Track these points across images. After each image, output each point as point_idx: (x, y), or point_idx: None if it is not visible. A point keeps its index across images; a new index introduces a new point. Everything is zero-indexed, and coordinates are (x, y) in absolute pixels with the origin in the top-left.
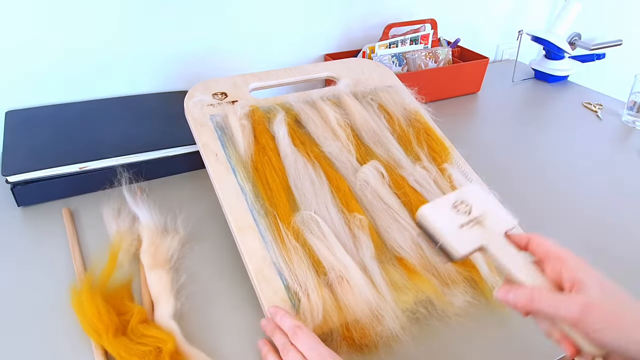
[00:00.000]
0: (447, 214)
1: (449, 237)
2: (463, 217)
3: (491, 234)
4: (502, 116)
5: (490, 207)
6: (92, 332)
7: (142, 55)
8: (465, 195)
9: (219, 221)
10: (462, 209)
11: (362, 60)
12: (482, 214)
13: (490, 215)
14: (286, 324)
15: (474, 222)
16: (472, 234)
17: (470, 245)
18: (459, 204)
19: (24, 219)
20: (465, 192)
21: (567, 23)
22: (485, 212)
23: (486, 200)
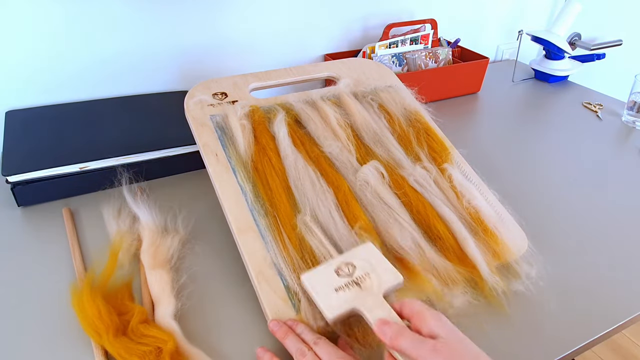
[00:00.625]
0: (325, 279)
1: (320, 302)
2: (342, 280)
3: (367, 296)
4: (502, 116)
5: (375, 267)
6: (92, 332)
7: (142, 55)
8: (351, 257)
9: (219, 221)
10: (344, 272)
11: (362, 60)
12: (364, 276)
13: (372, 275)
14: (308, 336)
15: (352, 284)
16: (346, 296)
17: (341, 308)
18: (343, 267)
19: (24, 219)
20: (352, 253)
21: (567, 23)
22: (367, 273)
23: (373, 260)
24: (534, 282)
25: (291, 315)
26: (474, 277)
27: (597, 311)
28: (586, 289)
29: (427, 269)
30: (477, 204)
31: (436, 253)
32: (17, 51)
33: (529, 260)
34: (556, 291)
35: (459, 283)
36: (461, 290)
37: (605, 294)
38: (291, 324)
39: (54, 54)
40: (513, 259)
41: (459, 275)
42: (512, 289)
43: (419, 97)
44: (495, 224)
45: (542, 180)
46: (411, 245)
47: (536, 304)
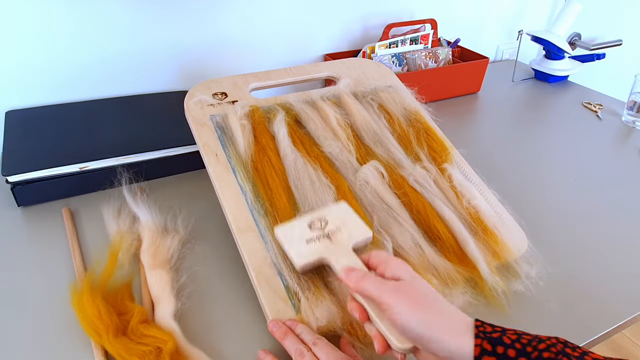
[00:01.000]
0: (297, 231)
1: (291, 251)
2: (314, 233)
3: (336, 247)
4: (502, 116)
5: (347, 223)
6: (92, 332)
7: (142, 55)
8: (324, 213)
9: (219, 221)
10: (317, 226)
11: (362, 60)
12: (335, 230)
13: (343, 229)
14: (307, 337)
15: (323, 237)
16: (316, 247)
17: (310, 257)
18: (316, 222)
19: (24, 219)
20: (326, 210)
21: (567, 23)
22: (338, 227)
23: (346, 216)
24: (533, 282)
25: (291, 315)
26: (473, 277)
27: (597, 311)
28: (586, 289)
29: (427, 268)
30: (477, 204)
31: (436, 253)
32: (17, 51)
33: (528, 260)
34: (556, 291)
35: (459, 283)
36: (461, 290)
37: (605, 294)
38: (290, 324)
39: (54, 54)
40: (513, 259)
41: (459, 275)
42: (512, 289)
43: (419, 97)
44: (495, 224)
45: (542, 180)
46: (411, 245)
47: (536, 304)
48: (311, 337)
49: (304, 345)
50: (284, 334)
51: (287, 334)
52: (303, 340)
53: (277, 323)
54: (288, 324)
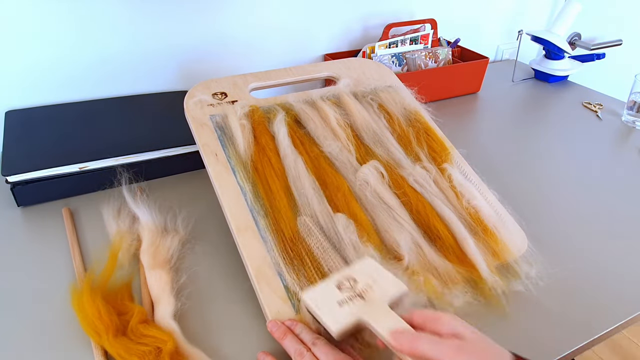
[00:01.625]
0: (327, 295)
1: (324, 317)
2: (345, 294)
3: (372, 306)
4: (502, 116)
5: (377, 279)
6: (92, 332)
7: (142, 55)
8: (352, 271)
9: (219, 221)
10: (346, 286)
11: (362, 60)
12: (366, 288)
13: (374, 287)
14: (306, 337)
15: (355, 296)
16: (351, 309)
17: (347, 321)
18: (344, 281)
19: (24, 219)
20: (352, 268)
21: (567, 23)
22: (369, 285)
23: (375, 272)
24: (533, 282)
25: (291, 315)
26: (473, 277)
27: (597, 311)
28: (586, 289)
29: (426, 268)
30: (476, 204)
31: (436, 253)
32: (17, 51)
33: (528, 260)
34: (556, 291)
35: (459, 283)
36: (461, 290)
37: (605, 294)
38: (290, 324)
39: (54, 54)
40: (513, 259)
41: (459, 275)
42: (512, 289)
43: (418, 97)
44: (495, 224)
45: (541, 180)
46: (411, 245)
47: (536, 304)
48: (310, 337)
49: (303, 345)
50: (283, 334)
51: (287, 334)
52: (302, 340)
53: (276, 323)
54: (287, 324)
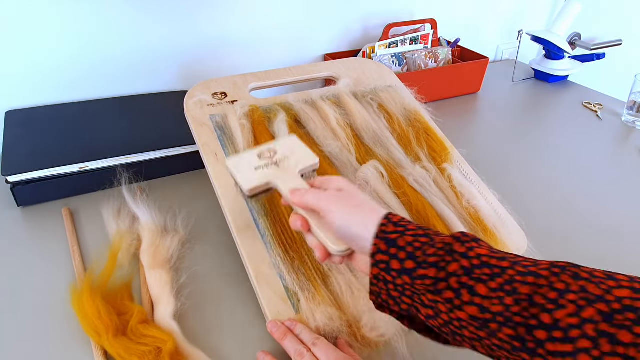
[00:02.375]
0: (247, 161)
1: (239, 177)
2: (263, 161)
3: (284, 173)
4: (502, 116)
5: (294, 151)
6: (92, 332)
7: (142, 55)
8: (274, 144)
9: (218, 221)
10: (266, 155)
11: (362, 60)
12: (283, 158)
13: (291, 157)
14: (306, 337)
15: (271, 164)
16: (264, 173)
17: (258, 181)
18: (265, 152)
19: (24, 219)
20: (276, 142)
21: (567, 23)
22: (286, 156)
23: (294, 147)
24: None
25: (291, 315)
26: None
27: None
28: None
29: None
30: (476, 204)
31: None
32: (17, 51)
33: None
34: None
35: None
36: None
37: None
38: (290, 324)
39: (54, 55)
40: None
41: None
42: None
43: (418, 97)
44: (495, 224)
45: (541, 180)
46: None
47: None
48: (310, 338)
49: (303, 345)
50: (283, 334)
51: (287, 335)
52: (302, 341)
53: (276, 324)
54: (287, 324)
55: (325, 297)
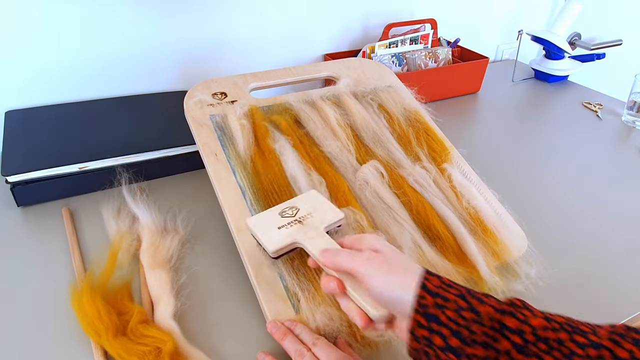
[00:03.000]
0: (268, 220)
1: (263, 238)
2: (286, 220)
3: (309, 230)
4: (502, 116)
5: (317, 208)
6: (91, 332)
7: (142, 55)
8: (295, 201)
9: (218, 221)
10: (288, 213)
11: (362, 60)
12: (306, 215)
13: (314, 214)
14: (306, 337)
15: (295, 222)
16: (288, 232)
17: (283, 242)
18: (287, 210)
19: (24, 219)
20: (297, 198)
21: (567, 23)
22: (309, 212)
23: (316, 203)
24: (533, 282)
25: (291, 316)
26: (473, 277)
27: (597, 311)
28: (586, 289)
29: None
30: (476, 204)
31: (435, 253)
32: (17, 51)
33: (528, 260)
34: (556, 291)
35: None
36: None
37: (605, 294)
38: (289, 324)
39: (54, 55)
40: (513, 259)
41: (459, 275)
42: (512, 289)
43: (418, 97)
44: (495, 224)
45: (541, 180)
46: (410, 245)
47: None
48: (310, 337)
49: (303, 345)
50: (283, 334)
51: (287, 335)
52: (302, 341)
53: (276, 324)
54: (287, 324)
55: (325, 297)
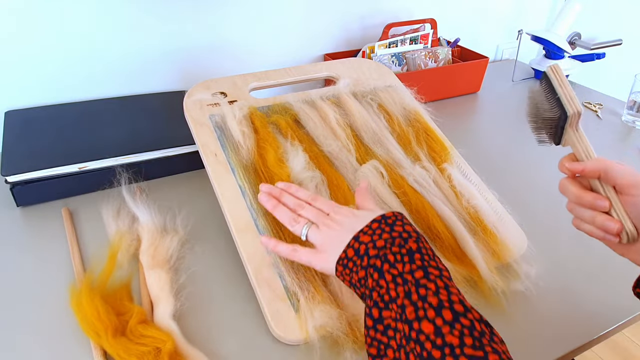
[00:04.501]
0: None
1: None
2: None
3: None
4: (502, 116)
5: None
6: (91, 333)
7: (142, 55)
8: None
9: (218, 221)
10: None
11: (361, 60)
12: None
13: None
14: (303, 194)
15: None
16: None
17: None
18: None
19: (23, 219)
20: None
21: (567, 22)
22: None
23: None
24: (533, 281)
25: (291, 315)
26: (473, 277)
27: (597, 311)
28: (586, 289)
29: None
30: (476, 204)
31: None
32: (16, 51)
33: (528, 260)
34: (556, 291)
35: (459, 282)
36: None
37: (605, 294)
38: (283, 185)
39: (54, 54)
40: (512, 259)
41: (458, 275)
42: (512, 289)
43: (418, 96)
44: (495, 224)
45: (541, 180)
46: None
47: (536, 304)
48: (309, 195)
49: (300, 203)
50: (274, 205)
51: (278, 205)
52: (300, 198)
53: (266, 195)
54: (280, 185)
55: (325, 296)
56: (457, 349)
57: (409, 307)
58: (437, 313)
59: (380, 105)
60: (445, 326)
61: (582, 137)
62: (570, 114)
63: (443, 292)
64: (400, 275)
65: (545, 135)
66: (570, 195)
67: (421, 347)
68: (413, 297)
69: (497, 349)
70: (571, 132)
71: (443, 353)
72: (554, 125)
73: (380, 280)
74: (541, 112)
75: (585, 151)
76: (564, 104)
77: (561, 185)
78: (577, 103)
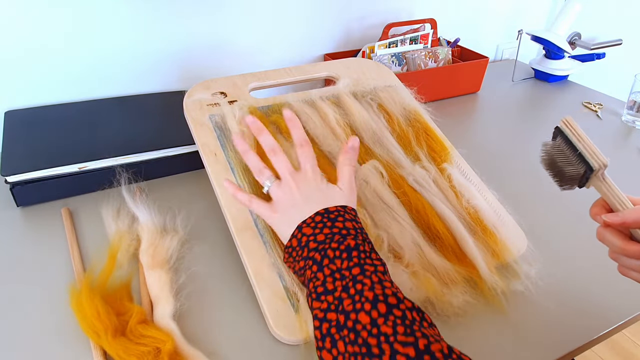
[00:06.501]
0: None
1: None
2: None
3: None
4: (502, 116)
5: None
6: (91, 333)
7: (141, 55)
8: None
9: (218, 221)
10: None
11: (361, 60)
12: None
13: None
14: (297, 134)
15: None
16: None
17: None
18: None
19: (23, 219)
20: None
21: (567, 22)
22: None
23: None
24: (533, 282)
25: (291, 316)
26: (473, 277)
27: (597, 311)
28: (586, 289)
29: (426, 268)
30: (476, 204)
31: (435, 252)
32: (16, 51)
33: (528, 260)
34: (556, 291)
35: (458, 283)
36: (460, 290)
37: (605, 294)
38: (289, 115)
39: (54, 54)
40: (512, 259)
41: (458, 275)
42: (512, 289)
43: (418, 96)
44: (495, 224)
45: (541, 180)
46: (410, 245)
47: (536, 304)
48: (300, 135)
49: (271, 152)
50: (246, 151)
51: (248, 152)
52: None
53: (239, 138)
54: (288, 116)
55: None
56: (391, 337)
57: (346, 300)
58: (373, 306)
59: (380, 105)
60: (380, 318)
61: (611, 187)
62: (596, 168)
63: (378, 286)
64: (338, 270)
65: (567, 185)
66: (613, 247)
67: (356, 335)
68: (350, 291)
69: (426, 334)
70: (598, 182)
71: (379, 340)
72: (578, 178)
73: (318, 273)
74: (560, 167)
75: (619, 201)
76: (588, 159)
77: (599, 235)
78: (601, 156)
